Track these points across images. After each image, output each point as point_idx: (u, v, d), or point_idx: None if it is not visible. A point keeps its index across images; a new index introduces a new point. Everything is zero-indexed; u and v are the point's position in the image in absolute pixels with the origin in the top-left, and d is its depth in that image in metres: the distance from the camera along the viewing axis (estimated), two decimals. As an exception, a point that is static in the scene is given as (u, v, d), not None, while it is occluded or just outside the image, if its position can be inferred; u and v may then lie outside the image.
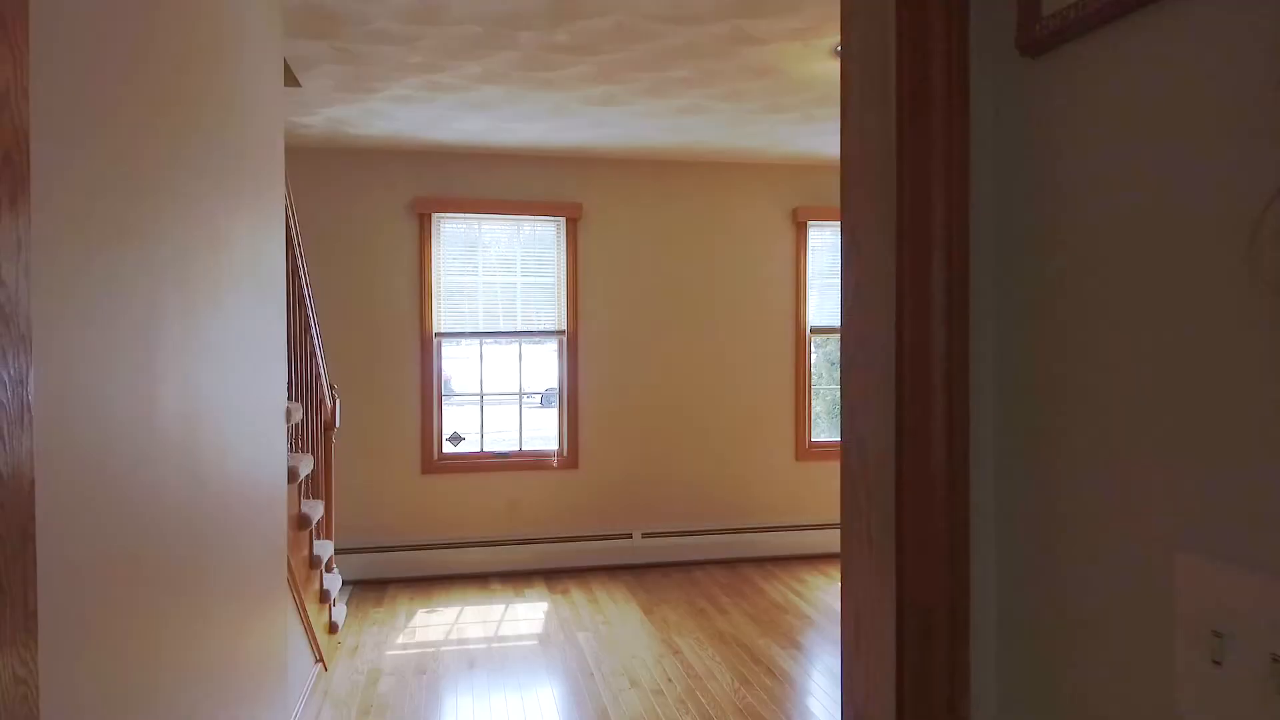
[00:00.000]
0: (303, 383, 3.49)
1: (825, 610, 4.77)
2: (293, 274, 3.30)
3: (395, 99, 4.18)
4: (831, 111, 4.41)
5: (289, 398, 3.20)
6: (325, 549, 3.66)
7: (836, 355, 5.91)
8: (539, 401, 5.64)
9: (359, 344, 5.26)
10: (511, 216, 5.42)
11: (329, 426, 4.15)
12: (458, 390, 5.69)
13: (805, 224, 5.79)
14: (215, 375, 2.00)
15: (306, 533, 3.37)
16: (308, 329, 3.57)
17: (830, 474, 5.87)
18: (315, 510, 3.40)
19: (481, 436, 5.50)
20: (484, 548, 5.39)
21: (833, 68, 3.70)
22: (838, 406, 5.97)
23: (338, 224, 5.24)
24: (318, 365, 3.79)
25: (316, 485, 3.81)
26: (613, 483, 5.58)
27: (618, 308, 5.56)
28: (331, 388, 4.14)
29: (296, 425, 3.36)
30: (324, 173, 5.21)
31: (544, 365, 5.69)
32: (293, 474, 2.96)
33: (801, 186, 5.80)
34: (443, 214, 5.34)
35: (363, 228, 5.26)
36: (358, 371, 5.26)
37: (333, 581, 3.89)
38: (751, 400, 5.75)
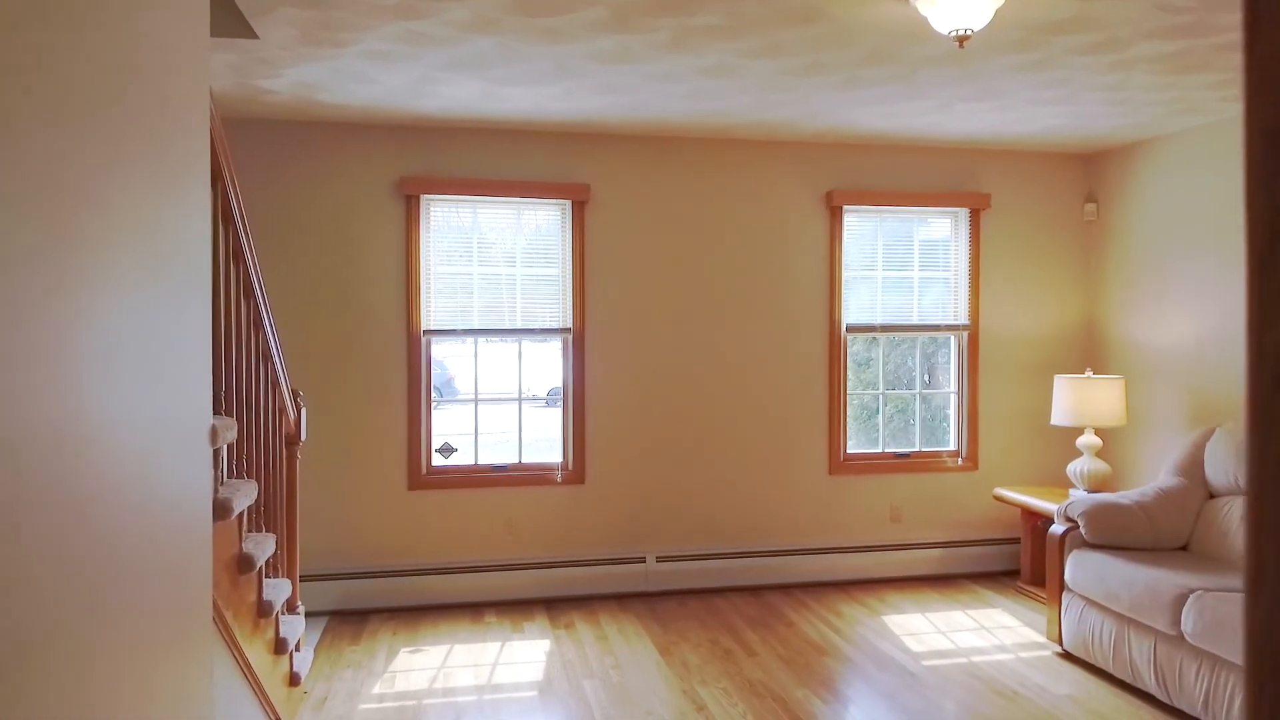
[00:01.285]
0: (239, 391, 2.87)
1: (869, 651, 4.13)
2: (233, 259, 2.68)
3: (371, 55, 3.55)
4: (883, 73, 3.77)
5: (225, 411, 2.58)
6: (280, 590, 3.04)
7: (866, 356, 5.28)
8: (541, 408, 5.01)
9: (336, 344, 4.64)
10: (510, 199, 4.80)
11: (291, 440, 3.53)
12: (457, 393, 5.06)
13: (840, 209, 5.15)
14: (106, 386, 1.41)
15: (252, 575, 2.75)
16: (258, 325, 2.95)
17: (868, 490, 5.24)
18: (264, 546, 2.78)
19: (476, 447, 4.88)
20: (478, 574, 4.77)
21: (895, 10, 3.06)
22: (869, 413, 5.36)
23: (311, 207, 4.62)
24: (275, 369, 3.17)
25: (272, 512, 3.19)
26: (623, 500, 4.95)
27: (630, 303, 4.93)
28: (295, 395, 3.52)
29: (238, 444, 2.75)
30: (295, 148, 4.59)
31: (546, 368, 5.06)
32: (223, 508, 2.34)
33: (836, 167, 5.16)
34: (432, 196, 4.72)
35: (341, 212, 4.64)
36: (335, 375, 4.64)
37: (293, 626, 3.27)
38: (779, 407, 5.11)
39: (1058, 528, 4.15)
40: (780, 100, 4.21)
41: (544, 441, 5.08)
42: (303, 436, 3.57)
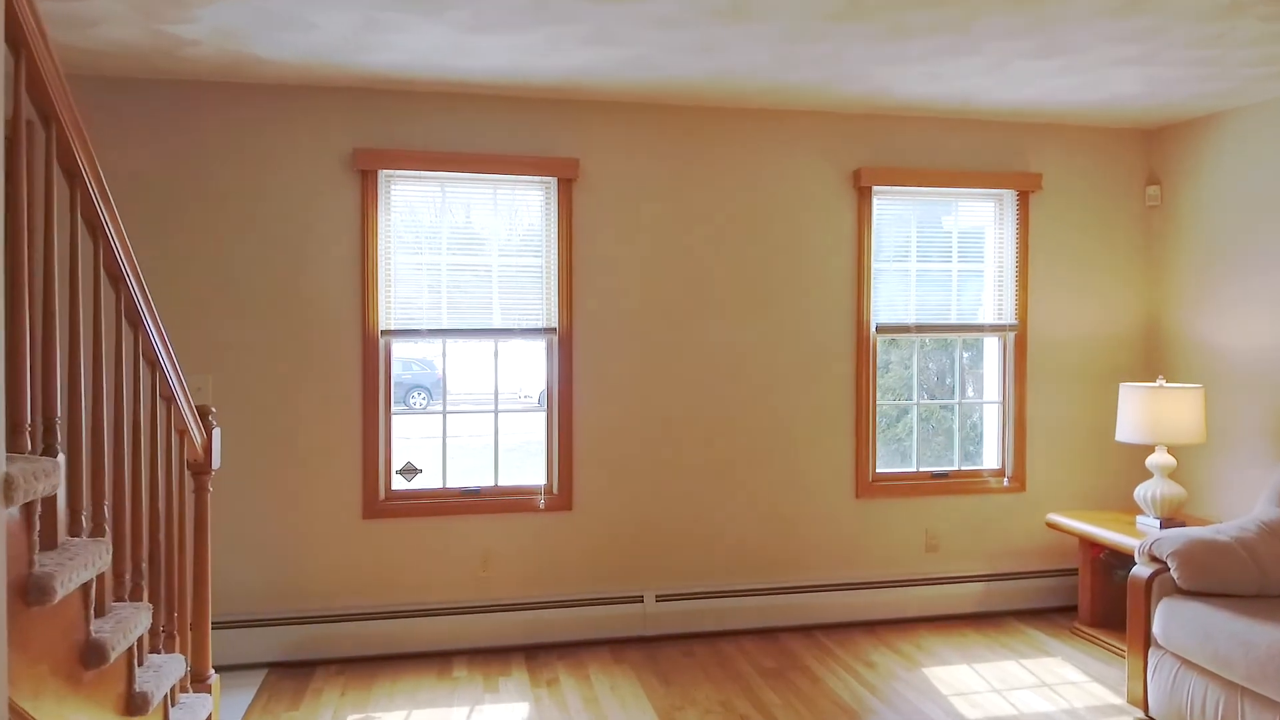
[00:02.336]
0: (94, 412, 2.15)
1: (913, 718, 3.42)
2: (87, 229, 1.96)
3: (301, -14, 2.83)
4: (934, 18, 3.06)
5: (60, 442, 1.85)
6: (172, 669, 2.33)
7: (885, 360, 4.57)
8: (522, 420, 4.28)
9: (277, 347, 3.92)
10: (486, 176, 4.08)
11: (199, 469, 2.81)
12: (445, 395, 4.33)
13: (869, 190, 4.44)
14: None
15: (117, 666, 2.03)
16: (135, 321, 2.24)
17: (900, 515, 4.53)
18: (131, 624, 2.06)
19: (444, 468, 4.16)
20: (446, 617, 4.05)
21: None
22: (900, 425, 4.65)
23: (247, 185, 3.90)
24: (167, 380, 2.45)
25: (160, 567, 2.47)
26: (617, 528, 4.24)
27: (625, 299, 4.22)
28: (204, 413, 2.80)
29: (96, 484, 2.03)
30: (225, 115, 3.87)
31: (528, 374, 4.34)
32: (40, 589, 1.62)
33: (866, 141, 4.45)
34: (393, 172, 4.00)
35: (282, 190, 3.92)
36: (275, 385, 3.92)
37: (194, 711, 2.55)
38: (799, 420, 4.41)
39: (1142, 570, 3.44)
40: (805, 55, 3.50)
41: (524, 454, 4.36)
42: (215, 463, 2.85)
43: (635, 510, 4.25)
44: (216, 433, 2.85)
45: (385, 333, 4.01)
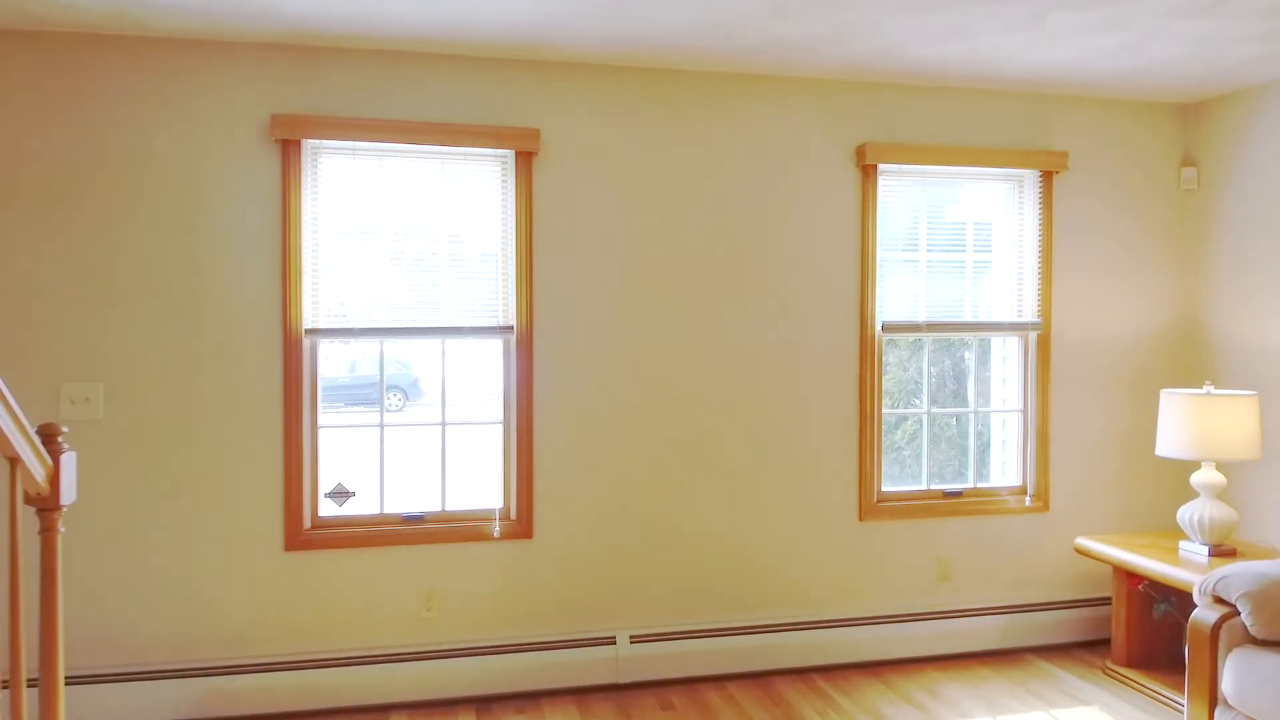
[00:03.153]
0: None
1: (936, 793, 2.87)
2: None
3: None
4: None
5: None
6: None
7: (889, 363, 4.02)
8: (474, 433, 3.69)
9: (177, 350, 3.31)
10: (432, 148, 3.49)
11: (46, 506, 2.20)
12: (423, 394, 3.73)
13: (874, 169, 3.88)
14: None
15: None
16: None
17: (909, 540, 3.98)
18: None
19: (381, 489, 3.57)
20: (383, 665, 3.45)
21: None
22: (899, 433, 4.10)
23: (142, 157, 3.28)
24: (-22, 394, 1.85)
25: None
26: (586, 559, 3.66)
27: (594, 292, 3.64)
28: (49, 437, 2.19)
29: None
30: (115, 75, 3.25)
31: (481, 378, 3.76)
32: None
33: (871, 113, 3.89)
34: (320, 142, 3.40)
35: (186, 163, 3.31)
36: (175, 394, 3.31)
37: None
38: (795, 432, 3.84)
39: (1206, 614, 2.90)
40: (803, 5, 2.93)
41: (477, 472, 3.77)
42: (66, 497, 2.25)
43: (606, 538, 3.67)
44: (67, 459, 2.24)
45: (311, 332, 3.41)
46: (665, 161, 3.69)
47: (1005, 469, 4.17)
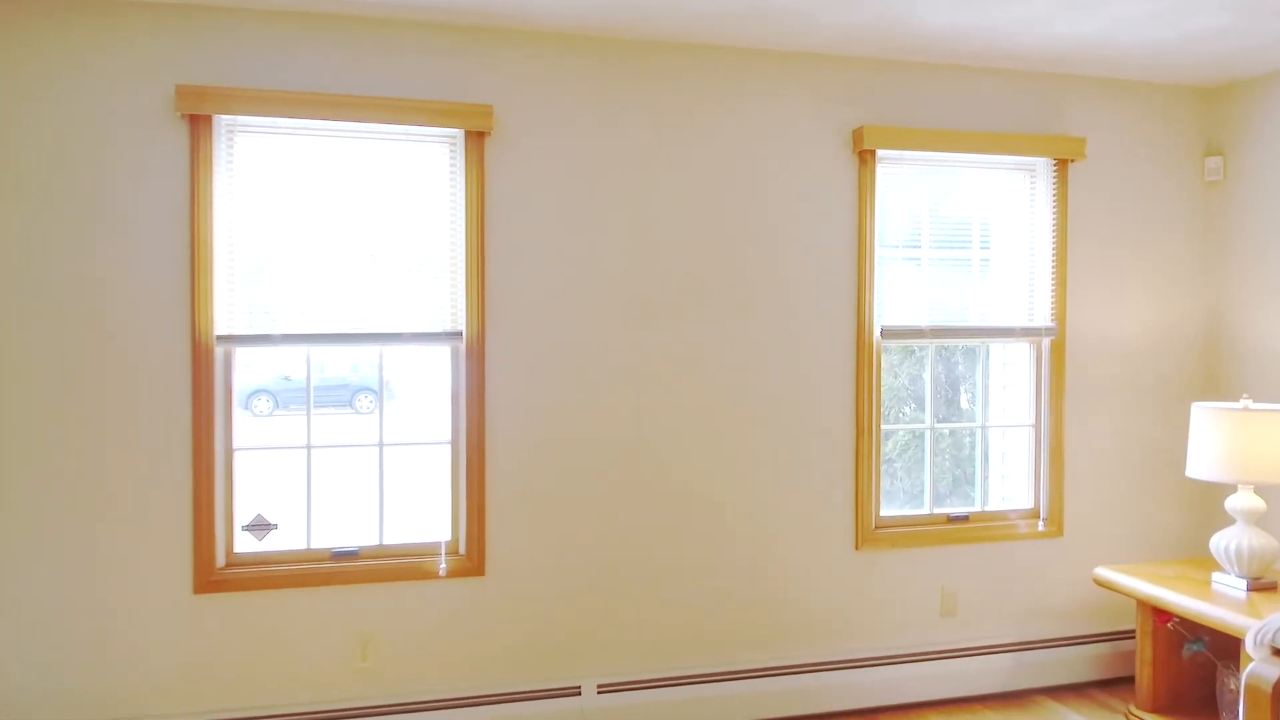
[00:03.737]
0: None
1: None
2: None
3: None
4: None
5: None
6: None
7: (891, 369, 3.62)
8: (418, 455, 3.21)
9: (71, 358, 2.82)
10: (369, 126, 3.02)
11: None
12: (394, 396, 3.27)
13: (872, 156, 3.46)
14: None
15: None
16: None
17: (910, 570, 3.57)
18: None
19: (309, 521, 3.09)
20: (310, 726, 2.98)
21: None
22: (888, 445, 3.68)
23: (23, 133, 2.79)
24: None
25: None
26: (546, 598, 3.20)
27: (554, 294, 3.19)
28: None
29: None
30: (-8, 30, 2.76)
31: (425, 392, 3.29)
32: None
33: (870, 93, 3.47)
34: (236, 118, 2.92)
35: (76, 141, 2.82)
36: (66, 410, 2.82)
37: None
38: (783, 451, 3.41)
39: (1265, 670, 2.50)
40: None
41: (419, 500, 3.30)
42: None
43: (569, 574, 3.22)
44: None
45: (225, 339, 2.93)
46: (636, 145, 3.24)
47: (1006, 487, 3.76)
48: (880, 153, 3.46)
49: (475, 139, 3.08)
